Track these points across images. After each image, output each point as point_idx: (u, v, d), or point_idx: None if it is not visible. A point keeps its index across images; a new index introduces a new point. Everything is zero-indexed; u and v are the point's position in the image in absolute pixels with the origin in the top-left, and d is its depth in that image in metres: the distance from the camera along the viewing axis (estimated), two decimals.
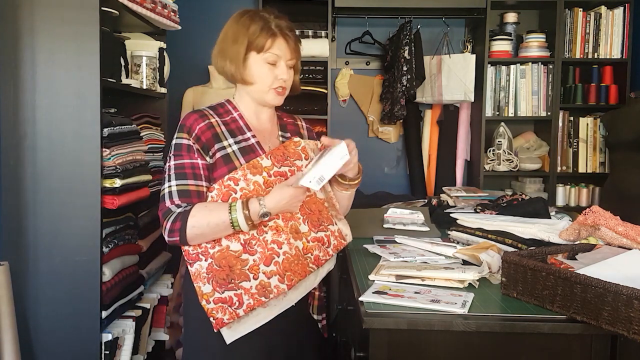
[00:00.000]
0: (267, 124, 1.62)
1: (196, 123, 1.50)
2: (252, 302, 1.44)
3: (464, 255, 1.69)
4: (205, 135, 1.49)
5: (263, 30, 1.50)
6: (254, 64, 1.52)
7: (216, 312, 1.43)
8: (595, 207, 1.59)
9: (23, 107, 1.99)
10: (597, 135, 3.55)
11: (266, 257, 1.46)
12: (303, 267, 1.50)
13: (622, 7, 3.46)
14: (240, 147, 1.52)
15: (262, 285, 1.45)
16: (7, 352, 1.88)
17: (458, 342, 1.29)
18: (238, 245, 1.46)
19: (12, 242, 2.01)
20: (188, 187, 1.45)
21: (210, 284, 1.44)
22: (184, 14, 2.86)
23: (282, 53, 1.53)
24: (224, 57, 1.54)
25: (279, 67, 1.53)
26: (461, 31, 3.74)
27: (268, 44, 1.51)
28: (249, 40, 1.50)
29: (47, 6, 1.96)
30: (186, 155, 1.48)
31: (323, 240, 1.56)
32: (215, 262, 1.45)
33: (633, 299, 1.11)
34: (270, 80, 1.53)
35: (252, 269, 1.45)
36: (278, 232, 1.48)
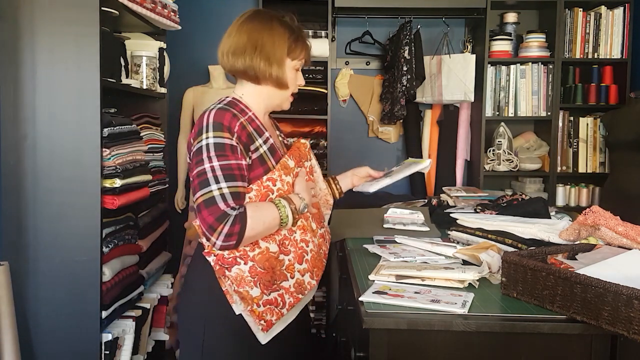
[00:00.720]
0: (269, 125, 1.64)
1: (234, 121, 1.44)
2: (292, 300, 1.50)
3: (464, 255, 1.69)
4: (243, 134, 1.46)
5: (300, 38, 1.56)
6: (288, 70, 1.55)
7: (266, 314, 1.46)
8: (595, 207, 1.59)
9: (23, 107, 1.99)
10: (597, 135, 3.55)
11: (298, 255, 1.52)
12: (322, 262, 1.60)
13: (622, 7, 3.46)
14: (267, 147, 1.52)
15: (298, 283, 1.51)
16: (7, 352, 1.88)
17: (458, 342, 1.29)
18: (275, 246, 1.49)
19: (12, 242, 2.01)
20: (238, 189, 1.40)
21: (258, 287, 1.45)
22: (184, 14, 2.86)
23: (306, 59, 1.60)
24: (266, 59, 1.51)
25: (299, 74, 1.61)
26: (461, 31, 3.74)
27: (304, 53, 1.57)
28: (288, 46, 1.53)
29: (47, 6, 1.96)
30: (232, 156, 1.42)
31: (324, 236, 1.64)
32: (258, 265, 1.45)
33: (633, 299, 1.11)
34: (294, 86, 1.60)
35: (289, 269, 1.50)
36: (305, 231, 1.54)
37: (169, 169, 2.78)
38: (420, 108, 3.73)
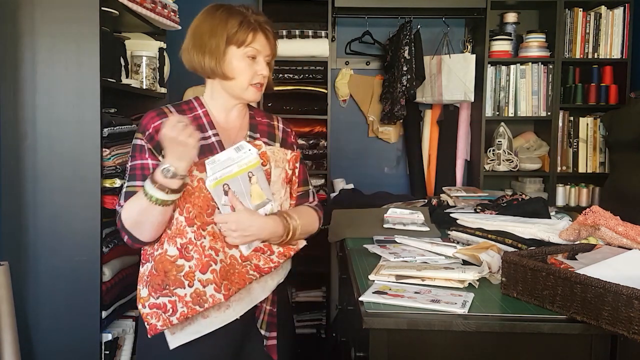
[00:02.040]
0: (236, 122, 1.56)
1: (151, 122, 1.46)
2: (186, 310, 1.36)
3: (464, 255, 1.69)
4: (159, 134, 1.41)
5: (243, 24, 1.46)
6: (234, 59, 1.47)
7: (150, 317, 1.38)
8: (595, 207, 1.59)
9: (23, 107, 1.99)
10: (597, 135, 3.55)
11: (203, 264, 1.37)
12: (241, 276, 1.42)
13: (622, 7, 3.46)
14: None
15: (197, 293, 1.37)
16: (7, 352, 1.88)
17: (458, 342, 1.29)
18: (174, 249, 1.39)
19: (12, 242, 2.01)
20: (135, 189, 1.40)
21: (147, 288, 1.41)
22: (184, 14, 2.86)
23: (262, 48, 1.49)
24: (200, 51, 1.48)
25: (259, 63, 1.50)
26: (461, 31, 3.74)
27: (249, 38, 1.47)
28: (227, 34, 1.46)
29: (47, 6, 1.96)
30: (138, 156, 1.45)
31: (262, 249, 1.44)
32: (154, 266, 1.40)
33: (633, 299, 1.11)
34: (250, 75, 1.49)
35: (188, 276, 1.37)
36: (215, 239, 1.40)
37: None
38: (420, 108, 3.73)
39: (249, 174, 1.42)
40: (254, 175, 1.42)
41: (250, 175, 1.42)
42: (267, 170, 1.47)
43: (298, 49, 3.39)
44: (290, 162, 1.54)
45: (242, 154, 1.42)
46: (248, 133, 1.56)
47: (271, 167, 1.48)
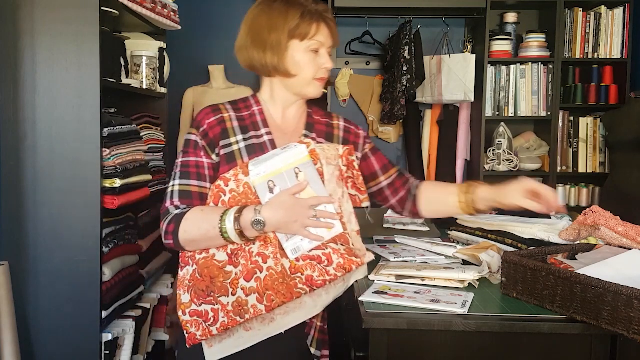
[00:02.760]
0: (293, 121, 1.46)
1: (206, 118, 1.38)
2: (227, 320, 1.28)
3: (464, 255, 1.69)
4: (214, 131, 1.37)
5: (305, 15, 1.35)
6: (297, 53, 1.37)
7: (190, 326, 1.30)
8: (595, 207, 1.59)
9: (23, 107, 1.99)
10: (597, 135, 3.55)
11: (248, 270, 1.28)
12: (289, 288, 1.27)
13: (622, 7, 3.46)
14: (248, 144, 1.38)
15: (238, 302, 1.27)
16: (7, 352, 1.88)
17: (458, 342, 1.29)
18: (224, 255, 1.30)
19: (12, 242, 2.01)
20: (190, 188, 1.34)
21: (189, 294, 1.32)
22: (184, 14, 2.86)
23: (325, 39, 1.38)
24: (261, 48, 1.37)
25: (322, 55, 1.39)
26: (461, 31, 3.74)
27: (313, 31, 1.36)
28: (289, 28, 1.35)
29: (47, 6, 1.96)
30: (192, 153, 1.37)
31: (320, 258, 1.30)
32: (198, 270, 1.31)
33: (633, 299, 1.11)
34: (314, 70, 1.39)
35: (233, 283, 1.28)
36: (265, 244, 1.29)
37: (169, 169, 2.78)
38: (420, 108, 3.73)
39: (295, 169, 1.30)
40: (301, 172, 1.31)
41: (297, 171, 1.31)
42: (319, 169, 1.34)
43: None
44: (343, 157, 1.40)
45: (288, 150, 1.33)
46: (303, 132, 1.46)
47: (322, 164, 1.35)
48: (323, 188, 1.32)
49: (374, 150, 1.57)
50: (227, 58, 3.52)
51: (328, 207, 1.31)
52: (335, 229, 1.31)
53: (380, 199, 1.58)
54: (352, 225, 1.38)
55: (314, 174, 1.32)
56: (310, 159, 1.33)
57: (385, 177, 1.55)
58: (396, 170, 1.57)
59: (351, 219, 1.39)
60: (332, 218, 1.30)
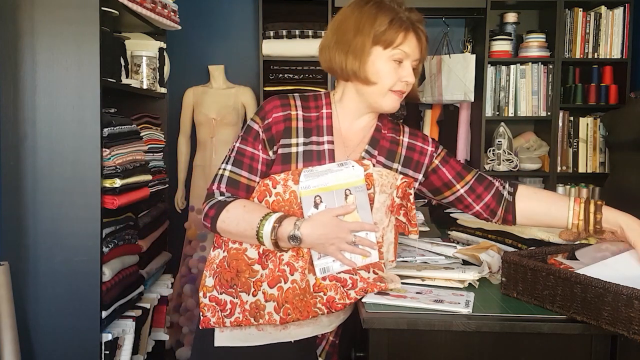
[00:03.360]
0: (359, 133, 1.39)
1: (274, 111, 1.34)
2: (241, 317, 1.29)
3: (464, 255, 1.69)
4: (277, 127, 1.33)
5: (394, 22, 1.28)
6: (378, 60, 1.30)
7: (207, 310, 1.31)
8: None
9: (23, 107, 1.99)
10: (597, 135, 3.55)
11: (274, 276, 1.28)
12: (307, 306, 1.27)
13: (622, 7, 3.46)
14: (306, 149, 1.33)
15: (256, 305, 1.28)
16: (7, 352, 1.88)
17: (458, 342, 1.29)
18: (255, 253, 1.30)
19: (12, 242, 2.01)
20: (239, 178, 1.31)
21: (214, 279, 1.32)
22: (184, 14, 2.86)
23: (412, 51, 1.31)
24: (343, 50, 1.31)
25: (405, 67, 1.31)
26: (461, 31, 3.74)
27: (399, 39, 1.29)
28: (375, 33, 1.28)
29: (47, 6, 1.96)
30: (250, 143, 1.33)
31: (345, 281, 1.28)
32: (227, 259, 1.32)
33: (633, 299, 1.11)
34: (392, 81, 1.31)
35: (256, 284, 1.29)
36: (297, 256, 1.28)
37: (169, 169, 2.78)
38: (420, 108, 3.73)
39: (346, 191, 1.27)
40: (351, 194, 1.28)
41: (347, 193, 1.28)
42: (371, 195, 1.30)
43: (298, 49, 3.39)
44: (399, 189, 1.36)
45: (344, 168, 1.29)
46: (366, 148, 1.38)
47: (375, 191, 1.31)
48: (370, 215, 1.29)
49: (445, 160, 1.46)
50: (227, 58, 3.52)
51: (370, 235, 1.29)
52: (371, 258, 1.30)
53: (461, 207, 1.50)
54: (390, 254, 1.37)
55: (364, 199, 1.29)
56: (364, 183, 1.30)
57: (462, 185, 1.45)
58: (473, 175, 1.47)
59: (390, 249, 1.37)
60: (370, 247, 1.28)
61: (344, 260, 1.27)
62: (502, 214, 1.47)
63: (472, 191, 1.46)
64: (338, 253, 1.26)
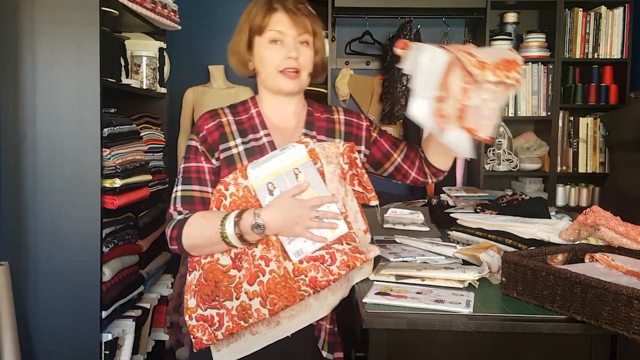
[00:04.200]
0: (292, 121, 1.44)
1: (205, 123, 1.40)
2: (231, 325, 1.28)
3: (464, 255, 1.69)
4: (213, 136, 1.38)
5: (261, 8, 1.36)
6: (259, 48, 1.37)
7: (196, 330, 1.30)
8: (595, 207, 1.58)
9: (23, 107, 1.99)
10: (597, 135, 3.55)
11: (251, 274, 1.27)
12: (291, 291, 1.26)
13: (622, 7, 3.46)
14: (247, 147, 1.37)
15: (242, 306, 1.27)
16: (7, 352, 1.88)
17: (458, 342, 1.29)
18: (228, 259, 1.30)
19: (12, 242, 2.01)
20: (192, 193, 1.35)
21: (195, 299, 1.32)
22: (184, 14, 2.86)
23: (286, 28, 1.35)
24: (230, 51, 1.44)
25: (285, 45, 1.36)
26: (461, 31, 3.74)
27: (266, 21, 1.35)
28: (249, 25, 1.37)
29: (47, 6, 1.96)
30: (193, 159, 1.38)
31: (323, 258, 1.27)
32: (203, 275, 1.31)
33: (633, 299, 1.11)
34: (276, 61, 1.35)
35: (237, 287, 1.28)
36: (268, 247, 1.28)
37: (169, 169, 2.78)
38: None
39: (294, 170, 1.29)
40: (300, 172, 1.29)
41: (296, 172, 1.29)
42: (320, 168, 1.32)
43: None
44: (344, 155, 1.38)
45: (286, 151, 1.31)
46: (303, 131, 1.43)
47: (323, 164, 1.33)
48: (325, 188, 1.30)
49: (382, 132, 1.56)
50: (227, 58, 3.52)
51: (331, 206, 1.30)
52: (340, 229, 1.29)
53: (400, 177, 1.57)
54: (359, 224, 1.37)
55: (314, 174, 1.30)
56: (310, 159, 1.31)
57: (398, 153, 1.55)
58: (405, 144, 1.58)
59: (357, 218, 1.38)
60: (335, 218, 1.29)
61: (313, 237, 1.27)
62: (427, 167, 1.57)
63: (407, 157, 1.55)
64: (306, 231, 1.27)
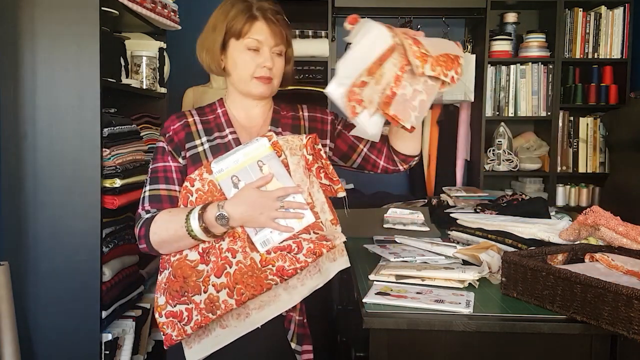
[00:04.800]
0: (258, 120, 1.48)
1: (172, 124, 1.43)
2: (200, 318, 1.28)
3: (464, 255, 1.69)
4: (179, 135, 1.41)
5: (241, 13, 1.38)
6: (234, 52, 1.40)
7: (166, 327, 1.31)
8: (595, 207, 1.59)
9: (23, 107, 1.99)
10: (597, 135, 3.55)
11: (218, 267, 1.28)
12: (259, 281, 1.26)
13: (622, 7, 3.46)
14: (212, 144, 1.41)
15: (210, 299, 1.28)
16: (7, 352, 1.88)
17: (458, 342, 1.29)
18: (196, 254, 1.31)
19: (12, 242, 2.01)
20: (159, 192, 1.38)
21: (164, 296, 1.32)
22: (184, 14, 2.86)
23: (264, 38, 1.39)
24: (202, 46, 1.45)
25: (262, 54, 1.40)
26: (461, 31, 3.74)
27: (246, 28, 1.38)
28: (227, 27, 1.39)
29: (47, 6, 1.96)
30: (160, 159, 1.42)
31: (290, 247, 1.27)
32: (172, 272, 1.33)
33: (633, 299, 1.11)
34: (251, 68, 1.40)
35: (204, 281, 1.29)
36: (234, 239, 1.29)
37: None
38: None
39: (258, 162, 1.31)
40: (264, 165, 1.31)
41: (260, 164, 1.31)
42: (284, 160, 1.34)
43: (298, 49, 3.36)
44: (307, 146, 1.39)
45: (250, 145, 1.33)
46: (269, 129, 1.46)
47: (287, 155, 1.35)
48: (289, 179, 1.32)
49: (346, 125, 1.55)
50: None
51: (297, 197, 1.30)
52: (306, 219, 1.30)
53: (370, 167, 1.57)
54: (326, 214, 1.38)
55: (278, 166, 1.31)
56: (273, 151, 1.33)
57: (364, 143, 1.54)
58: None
59: (324, 208, 1.38)
60: (301, 208, 1.30)
61: (279, 227, 1.28)
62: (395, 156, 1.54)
63: (373, 147, 1.53)
64: (271, 222, 1.27)
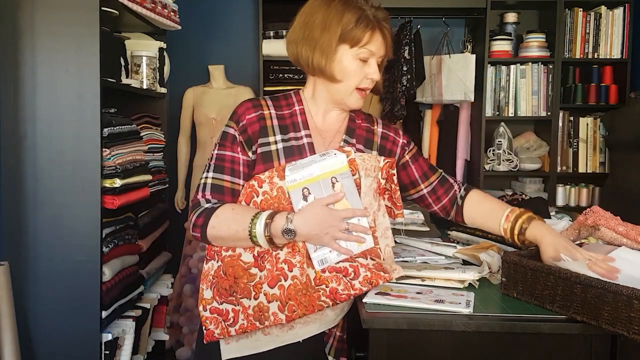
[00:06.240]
0: (334, 125, 1.42)
1: (247, 113, 1.35)
2: (246, 323, 1.27)
3: (464, 255, 1.69)
4: (253, 127, 1.34)
5: (361, 21, 1.29)
6: (344, 59, 1.32)
7: (209, 322, 1.29)
8: (595, 207, 1.58)
9: (23, 107, 1.99)
10: (597, 135, 3.55)
11: (273, 277, 1.26)
12: (311, 300, 1.25)
13: (622, 7, 3.46)
14: (286, 145, 1.35)
15: (259, 307, 1.26)
16: (7, 352, 1.88)
17: (458, 342, 1.29)
18: (250, 256, 1.29)
19: (12, 242, 2.01)
20: (223, 183, 1.31)
21: (212, 290, 1.30)
22: (184, 14, 2.86)
23: (377, 49, 1.33)
24: (310, 46, 1.32)
25: (371, 65, 1.34)
26: (461, 31, 3.74)
27: (366, 39, 1.30)
28: (342, 31, 1.29)
29: (47, 6, 1.96)
30: (229, 147, 1.34)
31: (347, 270, 1.26)
32: (223, 268, 1.30)
33: (633, 299, 1.11)
34: (358, 79, 1.34)
35: (256, 287, 1.27)
36: (293, 252, 1.27)
37: (169, 169, 2.78)
38: (420, 108, 3.73)
39: (332, 179, 1.26)
40: (338, 182, 1.26)
41: (333, 181, 1.27)
42: (357, 180, 1.30)
43: None
44: (383, 170, 1.36)
45: (327, 157, 1.28)
46: (344, 137, 1.41)
47: (361, 176, 1.31)
48: (359, 200, 1.29)
49: (415, 157, 1.52)
50: (227, 58, 3.52)
51: (362, 220, 1.28)
52: (366, 243, 1.29)
53: (422, 205, 1.56)
54: (388, 240, 1.37)
55: (350, 185, 1.28)
56: (349, 169, 1.29)
57: (426, 185, 1.52)
58: (437, 177, 1.53)
59: (387, 234, 1.36)
60: (364, 232, 1.28)
61: (340, 249, 1.26)
62: (454, 215, 1.55)
63: (434, 192, 1.53)
64: (333, 242, 1.25)
